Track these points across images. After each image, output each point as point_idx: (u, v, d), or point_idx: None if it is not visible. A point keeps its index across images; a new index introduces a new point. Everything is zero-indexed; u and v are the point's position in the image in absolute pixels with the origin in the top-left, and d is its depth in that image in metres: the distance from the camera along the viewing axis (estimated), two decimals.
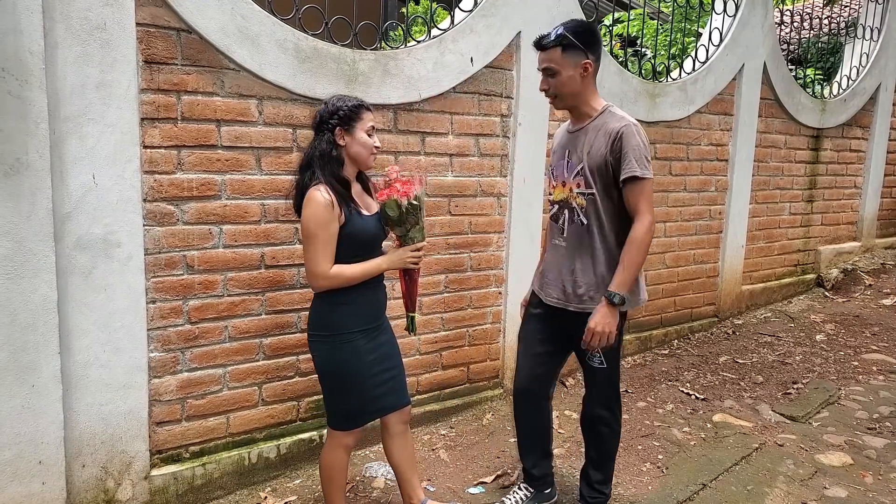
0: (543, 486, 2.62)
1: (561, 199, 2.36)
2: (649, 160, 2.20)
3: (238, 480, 2.73)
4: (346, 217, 2.14)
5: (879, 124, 5.82)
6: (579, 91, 2.25)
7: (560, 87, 2.24)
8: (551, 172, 2.43)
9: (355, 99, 2.24)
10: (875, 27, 5.70)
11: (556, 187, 2.39)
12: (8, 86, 2.04)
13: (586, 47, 2.20)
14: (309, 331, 2.27)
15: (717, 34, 4.44)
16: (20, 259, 2.12)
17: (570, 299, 2.33)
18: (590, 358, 2.35)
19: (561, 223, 2.36)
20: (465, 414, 3.47)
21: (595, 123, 2.27)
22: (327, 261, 2.11)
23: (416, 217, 2.27)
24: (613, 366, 2.36)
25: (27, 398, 2.18)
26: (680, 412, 3.55)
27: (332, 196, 2.10)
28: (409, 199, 2.21)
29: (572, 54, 2.19)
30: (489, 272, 3.48)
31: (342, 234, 2.13)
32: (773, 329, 4.81)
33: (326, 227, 2.09)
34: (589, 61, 2.21)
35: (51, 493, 2.27)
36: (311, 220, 2.09)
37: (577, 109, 2.31)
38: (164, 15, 2.37)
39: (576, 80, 2.22)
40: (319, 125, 2.21)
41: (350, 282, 2.17)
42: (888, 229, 6.30)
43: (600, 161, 2.21)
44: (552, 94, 2.28)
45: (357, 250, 2.19)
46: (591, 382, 2.43)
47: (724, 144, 4.59)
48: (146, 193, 2.41)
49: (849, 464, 3.00)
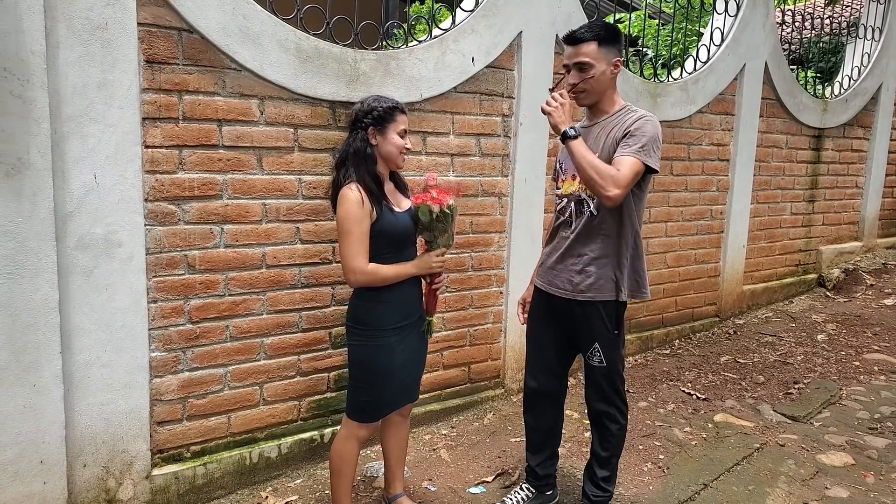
0: (546, 487, 2.63)
1: (570, 192, 2.35)
2: (657, 152, 2.17)
3: (239, 480, 2.73)
4: (378, 214, 2.20)
5: (881, 124, 5.82)
6: (607, 88, 2.26)
7: (593, 83, 2.22)
8: (560, 167, 2.43)
9: (391, 101, 2.28)
10: (876, 27, 5.69)
11: (565, 181, 2.38)
12: (10, 85, 2.04)
13: (618, 44, 2.24)
14: (347, 322, 2.34)
15: (718, 34, 4.44)
16: (22, 259, 2.12)
17: (577, 289, 2.32)
18: (590, 356, 2.36)
19: (568, 215, 2.34)
20: (466, 414, 3.47)
21: (613, 119, 2.27)
22: (363, 256, 2.17)
23: (445, 226, 2.31)
24: (612, 365, 2.36)
25: (28, 398, 2.19)
26: (681, 412, 3.55)
27: (364, 194, 2.16)
28: (441, 208, 2.26)
29: (608, 50, 2.21)
30: (490, 272, 3.48)
31: (375, 230, 2.19)
32: (774, 329, 4.81)
33: (360, 224, 2.15)
34: (619, 59, 2.25)
35: (52, 493, 2.27)
36: (345, 217, 2.15)
37: (598, 106, 2.31)
38: (165, 15, 2.37)
39: (607, 75, 2.23)
40: (354, 123, 2.27)
41: (385, 281, 2.23)
42: (890, 229, 6.29)
43: (611, 152, 2.19)
44: (581, 89, 2.24)
45: (389, 246, 2.25)
46: (590, 379, 2.43)
47: (725, 144, 4.59)
48: (147, 193, 2.41)
49: (850, 464, 3.00)
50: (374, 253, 2.21)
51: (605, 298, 2.29)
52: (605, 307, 2.30)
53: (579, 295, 2.32)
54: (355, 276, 2.18)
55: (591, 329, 2.33)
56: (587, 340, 2.36)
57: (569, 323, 2.40)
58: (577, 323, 2.36)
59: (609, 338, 2.33)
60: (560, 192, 2.41)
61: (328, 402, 2.99)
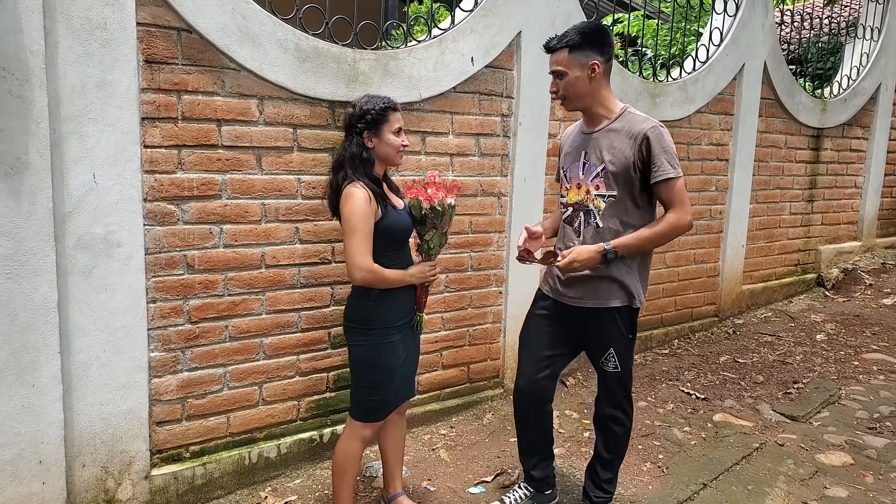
0: (544, 487, 2.62)
1: (576, 202, 2.33)
2: (677, 158, 2.20)
3: (238, 480, 2.73)
4: (383, 212, 2.21)
5: (880, 124, 5.82)
6: (588, 92, 2.23)
7: (568, 89, 2.23)
8: (564, 174, 2.40)
9: (383, 100, 2.27)
10: (875, 27, 5.70)
11: (569, 189, 2.36)
12: (8, 85, 2.04)
13: (594, 48, 2.19)
14: (346, 322, 2.34)
15: (717, 34, 4.44)
16: (20, 259, 2.12)
17: (587, 295, 2.31)
18: (604, 362, 2.35)
19: (577, 226, 2.33)
20: (465, 413, 3.47)
21: (615, 125, 2.25)
22: (367, 253, 2.17)
23: (434, 223, 2.30)
24: (626, 370, 2.37)
25: (27, 398, 2.18)
26: (680, 412, 3.55)
27: (369, 192, 2.17)
28: (431, 204, 2.26)
29: (579, 55, 2.18)
30: (490, 272, 3.48)
31: (378, 227, 2.20)
32: (773, 329, 4.81)
33: (367, 221, 2.16)
34: (597, 62, 2.19)
35: (51, 493, 2.27)
36: (353, 214, 2.15)
37: (591, 111, 2.29)
38: (164, 14, 2.37)
39: (584, 80, 2.21)
40: (348, 127, 2.28)
41: (387, 284, 2.24)
42: (888, 229, 6.30)
43: (626, 163, 2.19)
44: (560, 96, 2.27)
45: (393, 243, 2.27)
46: (603, 385, 2.43)
47: (724, 144, 4.59)
48: (147, 193, 2.41)
49: (849, 463, 3.00)
50: (379, 250, 2.21)
51: (618, 304, 2.28)
52: (619, 313, 2.29)
53: (590, 302, 2.30)
54: (361, 274, 2.17)
55: (605, 335, 2.32)
56: (601, 346, 2.35)
57: (578, 330, 2.38)
58: (590, 330, 2.34)
59: (624, 342, 2.33)
60: (565, 201, 2.38)
61: (327, 402, 2.99)
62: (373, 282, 2.21)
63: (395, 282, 2.26)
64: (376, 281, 2.21)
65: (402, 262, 2.33)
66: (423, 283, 2.37)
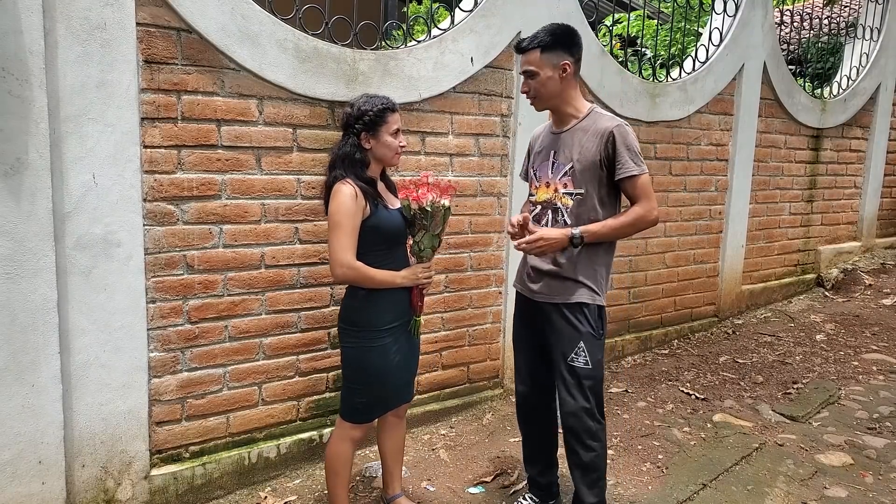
0: (549, 496, 2.59)
1: (545, 200, 2.34)
2: (641, 156, 2.23)
3: (238, 480, 2.73)
4: (372, 210, 2.20)
5: (879, 124, 5.83)
6: (559, 92, 2.26)
7: (539, 89, 2.25)
8: (534, 173, 2.42)
9: (381, 101, 2.26)
10: (875, 27, 5.70)
11: (538, 188, 2.37)
12: (8, 85, 2.04)
13: (565, 49, 2.22)
14: (339, 323, 2.34)
15: (717, 34, 4.45)
16: (20, 259, 2.12)
17: (554, 291, 2.29)
18: (573, 358, 2.24)
19: (545, 223, 2.33)
20: (464, 414, 3.47)
21: (583, 124, 2.27)
22: (350, 250, 2.15)
23: (424, 224, 2.29)
24: (598, 367, 2.26)
25: (27, 398, 2.18)
26: (680, 412, 3.55)
27: (358, 189, 2.16)
28: (420, 205, 2.25)
29: (550, 56, 2.21)
30: (489, 272, 3.48)
31: (367, 225, 2.19)
32: (773, 329, 4.81)
33: (352, 217, 2.14)
34: (568, 62, 2.23)
35: (51, 493, 2.27)
36: (337, 210, 2.14)
37: (560, 110, 2.32)
38: (164, 15, 2.37)
39: (555, 80, 2.23)
40: (345, 127, 2.27)
41: (370, 283, 2.21)
42: (888, 229, 6.30)
43: (592, 161, 2.22)
44: (532, 96, 2.29)
45: (383, 242, 2.25)
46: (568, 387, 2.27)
47: (724, 144, 4.59)
48: (146, 193, 2.41)
49: (849, 464, 3.00)
50: (367, 249, 2.20)
51: (586, 301, 2.25)
52: (587, 308, 2.26)
53: (556, 297, 2.28)
54: (342, 270, 2.16)
55: (575, 329, 2.25)
56: (570, 341, 2.25)
57: (548, 328, 2.33)
58: (557, 326, 2.29)
59: (593, 338, 2.26)
60: (534, 199, 2.39)
61: (327, 403, 2.99)
62: (354, 279, 2.19)
63: (381, 282, 2.23)
64: (359, 279, 2.19)
65: (394, 262, 2.29)
66: (416, 285, 2.33)
